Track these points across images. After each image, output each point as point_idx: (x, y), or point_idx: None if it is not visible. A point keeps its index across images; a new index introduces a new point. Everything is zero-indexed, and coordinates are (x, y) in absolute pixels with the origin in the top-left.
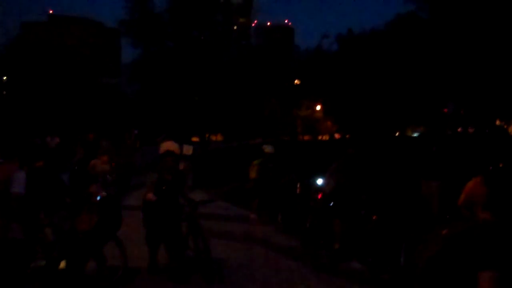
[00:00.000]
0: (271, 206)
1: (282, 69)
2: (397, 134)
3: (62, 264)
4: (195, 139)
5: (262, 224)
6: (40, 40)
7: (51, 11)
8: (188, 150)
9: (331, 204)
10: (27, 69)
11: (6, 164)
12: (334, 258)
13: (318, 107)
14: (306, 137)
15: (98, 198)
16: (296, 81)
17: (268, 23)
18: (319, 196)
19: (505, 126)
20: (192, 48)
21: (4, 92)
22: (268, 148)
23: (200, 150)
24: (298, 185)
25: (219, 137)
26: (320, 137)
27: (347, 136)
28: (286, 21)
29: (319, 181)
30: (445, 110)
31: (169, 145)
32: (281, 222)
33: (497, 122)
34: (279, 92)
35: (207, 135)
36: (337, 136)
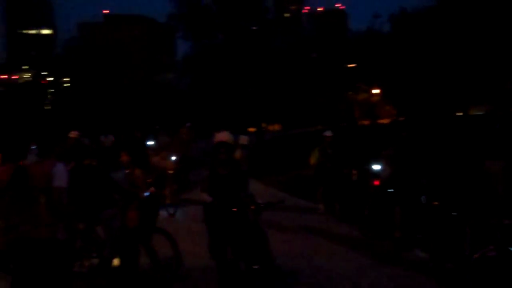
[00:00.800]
0: (329, 195)
1: (335, 54)
2: (460, 114)
3: (116, 262)
4: (251, 129)
5: (320, 213)
6: (97, 40)
7: (106, 11)
8: (244, 140)
9: (389, 191)
10: (85, 69)
11: (45, 161)
12: (395, 247)
13: (376, 91)
14: (365, 122)
15: (147, 194)
16: (351, 65)
17: (320, 9)
18: (376, 182)
19: None
20: (242, 38)
21: (62, 93)
22: (327, 133)
23: (256, 140)
24: (355, 172)
25: (276, 127)
26: (380, 121)
27: (401, 118)
28: (338, 5)
29: (376, 167)
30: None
31: (222, 136)
32: (339, 211)
33: None
34: (334, 77)
35: (263, 125)
36: (401, 119)
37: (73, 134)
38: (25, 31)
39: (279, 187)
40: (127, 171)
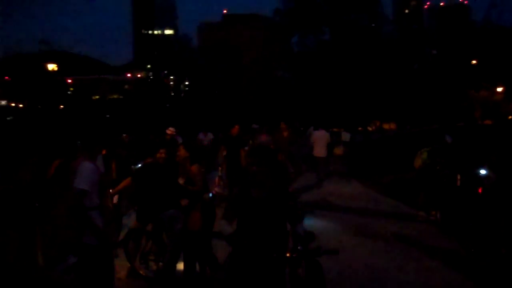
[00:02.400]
0: (431, 201)
1: (456, 50)
2: None
3: (180, 266)
4: (368, 128)
5: (420, 221)
6: (215, 39)
7: (225, 11)
8: (345, 136)
9: (494, 201)
10: (204, 68)
11: (78, 158)
12: (500, 266)
13: (500, 89)
14: (486, 122)
15: (210, 195)
16: (473, 61)
17: (441, 3)
18: (479, 190)
19: None
20: (351, 33)
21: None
22: (448, 138)
23: (362, 139)
24: (458, 177)
25: (392, 126)
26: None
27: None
28: (461, 0)
29: (482, 172)
30: None
31: (263, 138)
32: (440, 220)
33: None
34: (455, 74)
35: (377, 123)
36: None
37: (169, 130)
38: (149, 32)
39: (380, 190)
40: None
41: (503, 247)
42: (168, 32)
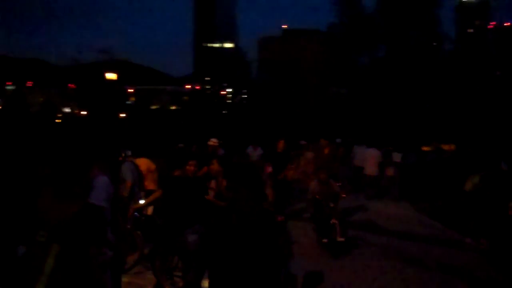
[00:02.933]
0: (480, 228)
1: None
2: None
3: (205, 284)
4: (426, 148)
5: (467, 248)
6: (275, 54)
7: (285, 26)
8: (397, 157)
9: None
10: (264, 82)
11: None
12: None
13: None
14: None
15: None
16: None
17: (507, 24)
18: None
19: None
20: (408, 50)
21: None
22: (503, 165)
23: (416, 159)
24: (511, 205)
25: (453, 147)
26: None
27: None
28: None
29: None
30: None
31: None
32: (488, 249)
33: None
34: None
35: (436, 144)
36: None
37: (211, 142)
38: (209, 45)
39: (431, 214)
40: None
41: None
42: (227, 45)
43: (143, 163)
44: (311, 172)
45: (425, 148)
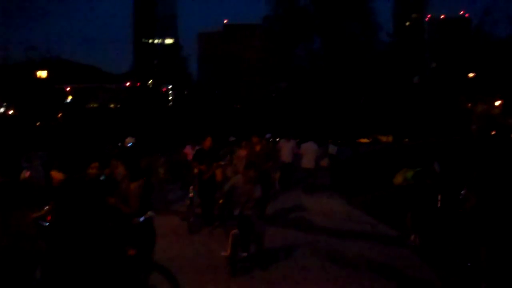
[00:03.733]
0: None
1: (455, 63)
2: None
3: None
4: (364, 140)
5: (397, 246)
6: (215, 49)
7: (226, 21)
8: (332, 150)
9: (473, 227)
10: (202, 78)
11: None
12: None
13: (497, 103)
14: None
15: (142, 219)
16: (470, 74)
17: (442, 16)
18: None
19: None
20: (343, 42)
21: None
22: (436, 166)
23: (350, 153)
24: (439, 198)
25: (390, 138)
26: None
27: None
28: (461, 13)
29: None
30: None
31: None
32: (418, 245)
33: None
34: (452, 87)
35: (372, 136)
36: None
37: (129, 140)
38: (150, 40)
39: (363, 207)
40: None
41: (483, 281)
42: (168, 41)
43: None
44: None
45: (362, 140)
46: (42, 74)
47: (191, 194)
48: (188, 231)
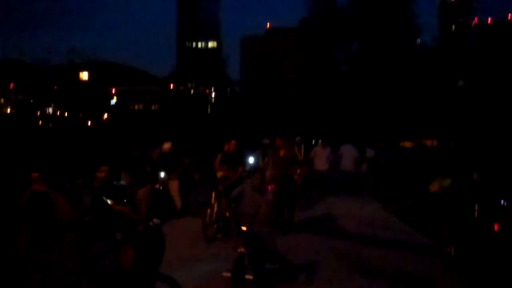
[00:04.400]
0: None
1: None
2: None
3: None
4: (407, 144)
5: (432, 256)
6: (257, 53)
7: (268, 25)
8: (369, 153)
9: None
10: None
11: None
12: None
13: None
14: None
15: (146, 226)
16: None
17: (489, 20)
18: (495, 226)
19: None
20: (383, 45)
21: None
22: (475, 176)
23: (390, 156)
24: (476, 207)
25: (435, 142)
26: None
27: None
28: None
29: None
30: None
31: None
32: (454, 257)
33: None
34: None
35: (416, 140)
36: None
37: (166, 145)
38: (193, 44)
39: (401, 214)
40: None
41: None
42: (211, 44)
43: None
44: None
45: (406, 144)
46: (84, 76)
47: (212, 201)
48: (204, 240)
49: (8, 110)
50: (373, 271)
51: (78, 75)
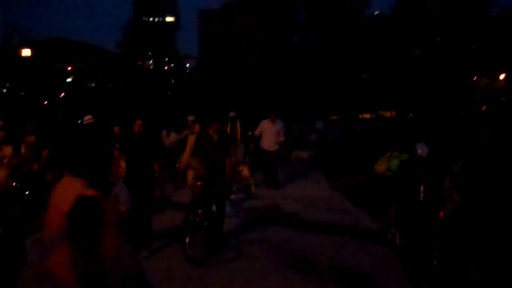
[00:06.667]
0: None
1: (459, 36)
2: None
3: None
4: (366, 115)
5: (375, 243)
6: (215, 27)
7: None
8: (319, 125)
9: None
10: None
11: None
12: None
13: (502, 76)
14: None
15: None
16: (473, 47)
17: None
18: (441, 215)
19: None
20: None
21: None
22: (421, 149)
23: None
24: (421, 189)
25: (394, 113)
26: None
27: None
28: None
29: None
30: None
31: None
32: (398, 244)
33: None
34: (457, 61)
35: (375, 112)
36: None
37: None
38: (150, 19)
39: (349, 193)
40: None
41: None
42: (169, 19)
43: None
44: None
45: (365, 116)
46: (26, 52)
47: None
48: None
49: None
50: (306, 263)
51: (26, 52)
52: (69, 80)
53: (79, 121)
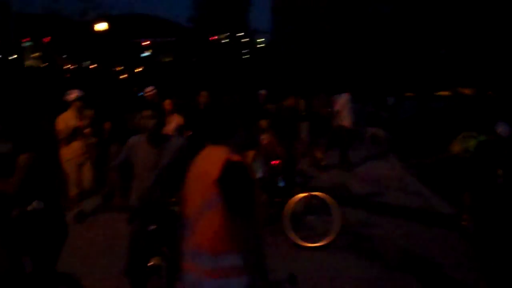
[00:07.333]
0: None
1: None
2: None
3: None
4: (444, 93)
5: (449, 230)
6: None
7: None
8: (390, 101)
9: None
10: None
11: None
12: None
13: None
14: None
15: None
16: None
17: None
18: None
19: None
20: None
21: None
22: (501, 128)
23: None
24: (500, 172)
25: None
26: None
27: None
28: None
29: None
30: None
31: None
32: (471, 230)
33: None
34: None
35: (453, 89)
36: None
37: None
38: None
39: (421, 174)
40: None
41: None
42: None
43: None
44: None
45: (443, 93)
46: (101, 26)
47: None
48: None
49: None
50: (371, 249)
51: (105, 27)
52: (144, 55)
53: (140, 94)
